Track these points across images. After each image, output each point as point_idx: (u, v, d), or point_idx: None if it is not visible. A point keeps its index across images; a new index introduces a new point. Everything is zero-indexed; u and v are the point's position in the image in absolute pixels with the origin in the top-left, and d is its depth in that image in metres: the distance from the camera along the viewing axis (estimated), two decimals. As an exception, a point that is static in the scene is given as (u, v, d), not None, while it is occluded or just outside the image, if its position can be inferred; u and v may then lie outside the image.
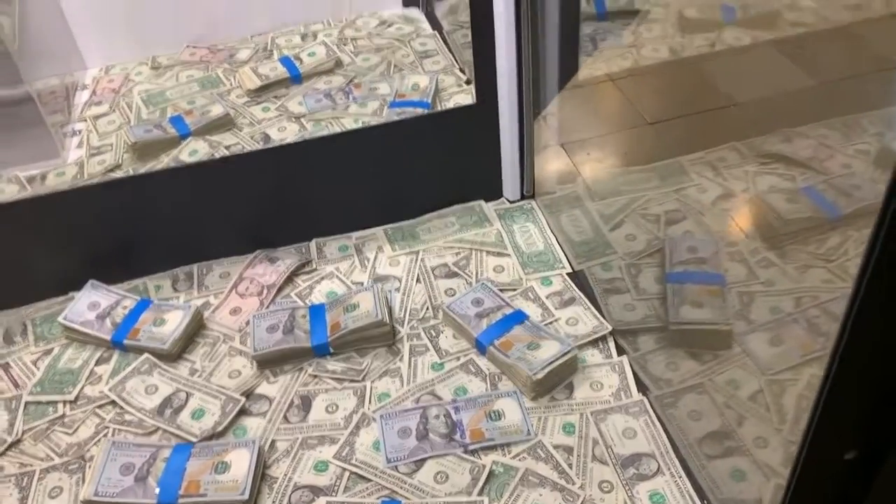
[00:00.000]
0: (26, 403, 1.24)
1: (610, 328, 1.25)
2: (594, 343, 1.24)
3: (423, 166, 1.48)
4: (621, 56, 1.69)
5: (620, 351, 1.23)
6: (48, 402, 1.25)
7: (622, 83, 1.65)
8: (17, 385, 1.28)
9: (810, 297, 1.10)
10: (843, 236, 1.16)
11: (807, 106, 1.26)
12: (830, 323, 0.70)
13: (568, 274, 1.37)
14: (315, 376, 1.24)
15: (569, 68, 1.52)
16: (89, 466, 1.15)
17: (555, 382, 1.18)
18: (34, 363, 1.31)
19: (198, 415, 1.19)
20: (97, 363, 1.30)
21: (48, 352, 1.33)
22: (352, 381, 1.22)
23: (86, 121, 1.75)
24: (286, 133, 1.64)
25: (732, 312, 1.18)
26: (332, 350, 1.26)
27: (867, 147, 1.15)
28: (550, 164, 1.56)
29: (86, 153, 1.65)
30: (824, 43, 1.36)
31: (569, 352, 1.18)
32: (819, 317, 1.08)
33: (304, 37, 1.93)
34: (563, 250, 1.42)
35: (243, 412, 1.20)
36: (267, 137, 1.63)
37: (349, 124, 1.65)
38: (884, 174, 0.57)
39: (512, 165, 1.50)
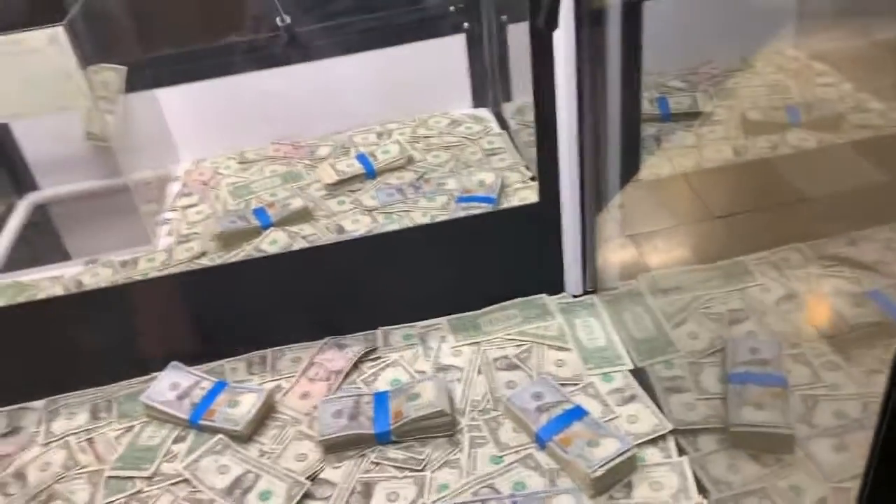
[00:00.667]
0: (107, 478, 1.32)
1: (670, 427, 1.25)
2: (654, 442, 1.24)
3: (488, 260, 1.54)
4: (684, 155, 1.74)
5: (681, 451, 1.23)
6: (126, 478, 1.32)
7: (686, 179, 1.69)
8: (99, 459, 1.36)
9: (878, 404, 1.08)
10: (912, 341, 1.14)
11: (872, 206, 1.27)
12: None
13: (630, 371, 1.38)
14: (377, 463, 1.27)
15: (630, 168, 1.57)
16: (161, 543, 1.20)
17: (614, 481, 1.18)
18: (116, 439, 1.40)
19: (265, 496, 1.23)
20: (174, 441, 1.37)
21: (130, 428, 1.41)
22: (412, 470, 1.25)
23: (176, 210, 1.89)
24: (359, 225, 1.73)
25: (795, 416, 1.17)
26: (394, 438, 1.30)
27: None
28: (615, 255, 1.59)
29: (175, 241, 1.78)
30: (890, 144, 1.38)
31: (628, 450, 1.18)
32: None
33: (379, 135, 2.05)
34: (624, 347, 1.43)
35: (308, 496, 1.23)
36: (341, 228, 1.73)
37: (418, 218, 1.72)
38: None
39: (574, 261, 1.54)
